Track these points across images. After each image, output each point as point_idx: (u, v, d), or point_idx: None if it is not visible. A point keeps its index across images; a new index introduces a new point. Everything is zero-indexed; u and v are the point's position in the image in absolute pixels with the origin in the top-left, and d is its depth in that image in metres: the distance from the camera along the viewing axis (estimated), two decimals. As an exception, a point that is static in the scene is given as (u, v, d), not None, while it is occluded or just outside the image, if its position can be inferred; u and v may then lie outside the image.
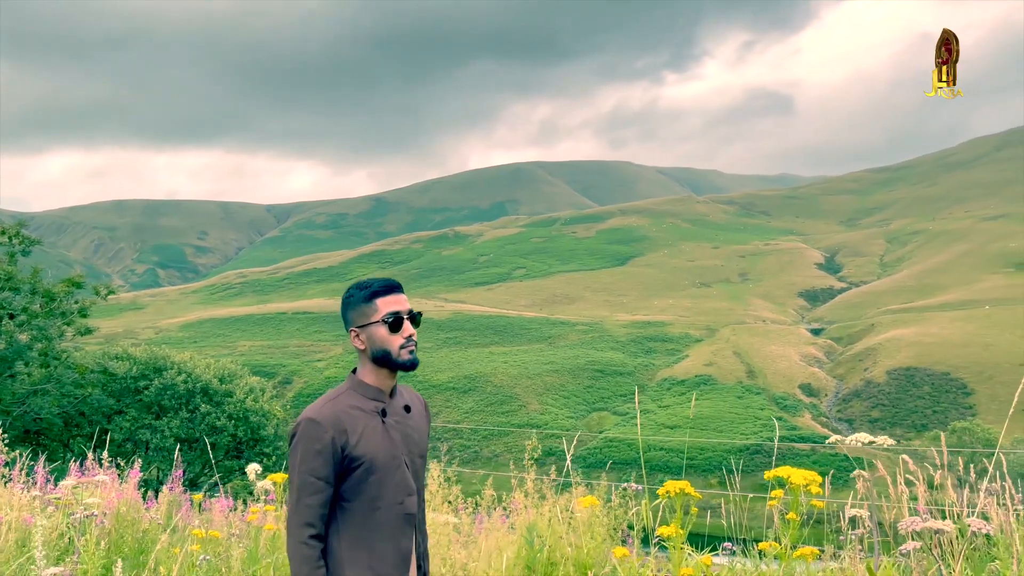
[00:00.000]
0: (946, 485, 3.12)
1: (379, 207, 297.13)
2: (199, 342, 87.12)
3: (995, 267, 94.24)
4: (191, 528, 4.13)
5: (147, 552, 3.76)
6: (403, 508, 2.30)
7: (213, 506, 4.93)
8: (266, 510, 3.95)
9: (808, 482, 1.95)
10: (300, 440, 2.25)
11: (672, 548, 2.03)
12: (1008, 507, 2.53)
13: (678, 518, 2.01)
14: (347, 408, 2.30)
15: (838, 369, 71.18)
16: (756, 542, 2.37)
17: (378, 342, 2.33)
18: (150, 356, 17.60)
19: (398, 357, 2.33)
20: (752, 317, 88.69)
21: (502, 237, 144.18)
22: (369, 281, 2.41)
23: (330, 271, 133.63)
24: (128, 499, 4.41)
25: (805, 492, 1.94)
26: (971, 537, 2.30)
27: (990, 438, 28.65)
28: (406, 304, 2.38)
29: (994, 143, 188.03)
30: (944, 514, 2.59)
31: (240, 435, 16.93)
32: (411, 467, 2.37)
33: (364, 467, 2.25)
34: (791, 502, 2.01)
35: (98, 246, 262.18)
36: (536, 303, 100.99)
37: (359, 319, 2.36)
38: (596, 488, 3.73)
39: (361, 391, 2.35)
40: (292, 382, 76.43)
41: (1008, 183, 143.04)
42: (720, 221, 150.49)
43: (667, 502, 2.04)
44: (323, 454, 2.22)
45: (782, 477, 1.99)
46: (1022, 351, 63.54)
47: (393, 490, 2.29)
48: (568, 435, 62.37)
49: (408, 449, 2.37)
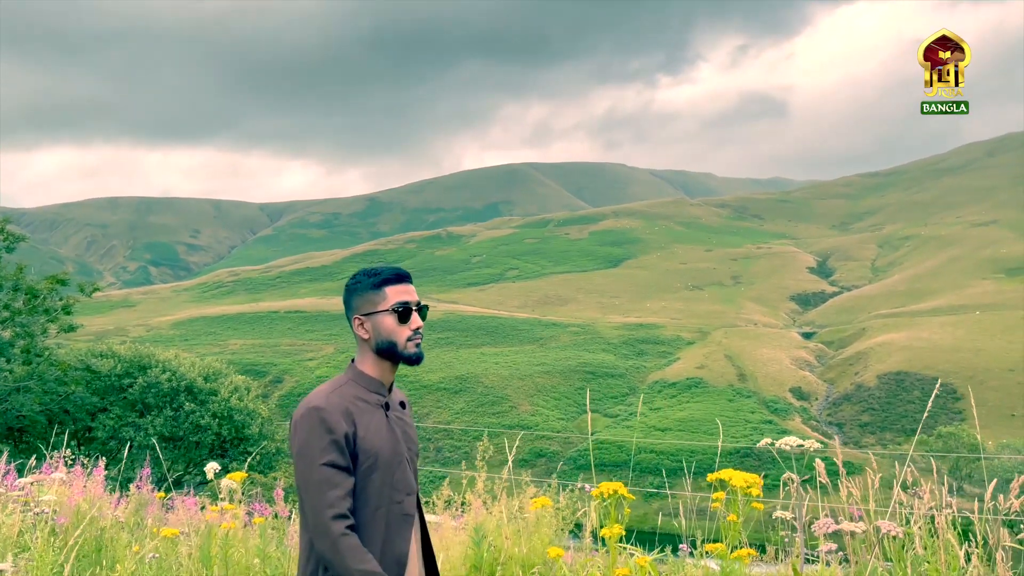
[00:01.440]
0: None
1: (373, 207, 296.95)
2: (190, 340, 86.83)
3: (985, 273, 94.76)
4: (154, 526, 4.08)
5: (104, 550, 3.71)
6: (401, 508, 2.20)
7: (180, 505, 4.88)
8: (225, 508, 3.91)
9: (749, 484, 1.94)
10: (311, 432, 2.10)
11: (610, 547, 2.01)
12: (944, 509, 2.53)
13: (612, 517, 1.98)
14: (352, 399, 2.18)
15: (829, 373, 71.41)
16: (715, 542, 2.35)
17: (384, 332, 2.22)
18: (135, 354, 17.49)
19: (404, 349, 2.22)
20: (744, 320, 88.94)
21: (495, 238, 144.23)
22: (378, 268, 2.28)
23: (323, 271, 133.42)
24: (91, 496, 4.36)
25: (745, 494, 1.93)
26: (882, 538, 2.30)
27: (975, 443, 28.77)
28: (415, 295, 2.26)
29: (985, 149, 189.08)
30: (870, 515, 2.59)
31: (225, 434, 16.84)
32: (411, 464, 2.27)
33: (369, 463, 2.14)
34: (732, 504, 2.00)
35: (90, 243, 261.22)
36: (528, 304, 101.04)
37: (365, 307, 2.24)
38: (548, 488, 3.70)
39: (363, 383, 2.23)
40: (283, 381, 76.25)
41: (998, 189, 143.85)
42: (713, 224, 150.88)
43: (602, 502, 2.02)
44: (338, 444, 2.09)
45: (724, 479, 1.98)
46: (1011, 357, 63.89)
47: (394, 488, 2.18)
48: (559, 437, 62.30)
49: (407, 446, 2.27)
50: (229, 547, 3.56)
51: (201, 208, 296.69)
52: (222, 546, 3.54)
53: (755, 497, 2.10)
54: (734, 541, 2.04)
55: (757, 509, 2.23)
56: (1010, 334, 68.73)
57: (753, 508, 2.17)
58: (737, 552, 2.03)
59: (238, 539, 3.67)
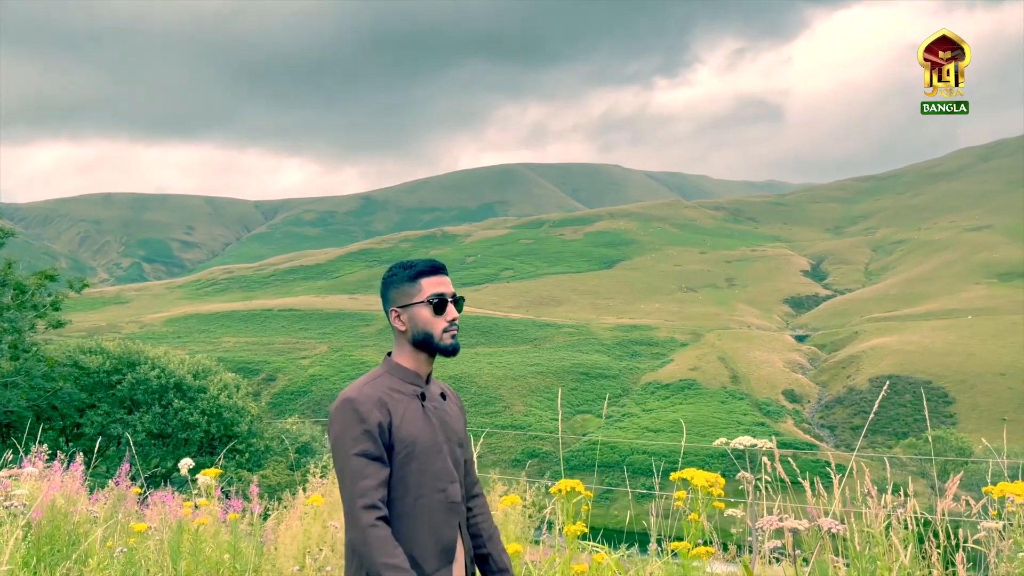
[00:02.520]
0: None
1: (368, 206, 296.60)
2: (183, 337, 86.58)
3: (978, 277, 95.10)
4: (124, 521, 4.07)
5: (77, 544, 3.70)
6: (446, 496, 2.19)
7: (156, 501, 4.86)
8: (199, 504, 3.90)
9: (711, 483, 1.94)
10: (346, 422, 2.12)
11: (567, 544, 2.01)
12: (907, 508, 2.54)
13: (569, 514, 1.98)
14: (387, 390, 2.20)
15: (821, 376, 71.58)
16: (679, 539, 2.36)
17: (420, 324, 2.23)
18: (123, 350, 17.40)
19: (440, 341, 2.23)
20: (737, 322, 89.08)
21: (490, 238, 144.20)
22: (414, 261, 2.30)
23: (317, 269, 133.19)
24: (68, 491, 4.34)
25: (706, 493, 1.93)
26: (825, 536, 2.31)
27: (964, 446, 29.02)
28: (450, 287, 2.28)
29: (979, 154, 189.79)
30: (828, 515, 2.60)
31: (213, 431, 16.77)
32: (451, 454, 2.26)
33: (406, 452, 2.15)
34: (693, 502, 2.00)
35: (83, 239, 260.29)
36: (523, 304, 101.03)
37: (401, 299, 2.26)
38: (516, 486, 3.70)
39: (399, 374, 2.24)
40: (276, 379, 76.09)
41: (992, 194, 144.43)
42: (708, 226, 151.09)
43: (561, 499, 2.03)
44: (371, 434, 2.11)
45: (686, 478, 1.98)
46: (1003, 361, 64.14)
47: (435, 477, 2.18)
48: (551, 437, 62.35)
49: (447, 436, 2.26)
50: (200, 542, 3.55)
51: (196, 205, 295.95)
52: (192, 541, 3.53)
53: (716, 496, 2.10)
54: (695, 539, 2.04)
55: (718, 508, 2.24)
56: (1002, 339, 69.00)
57: (714, 507, 2.17)
58: (696, 550, 2.03)
59: (209, 535, 3.66)
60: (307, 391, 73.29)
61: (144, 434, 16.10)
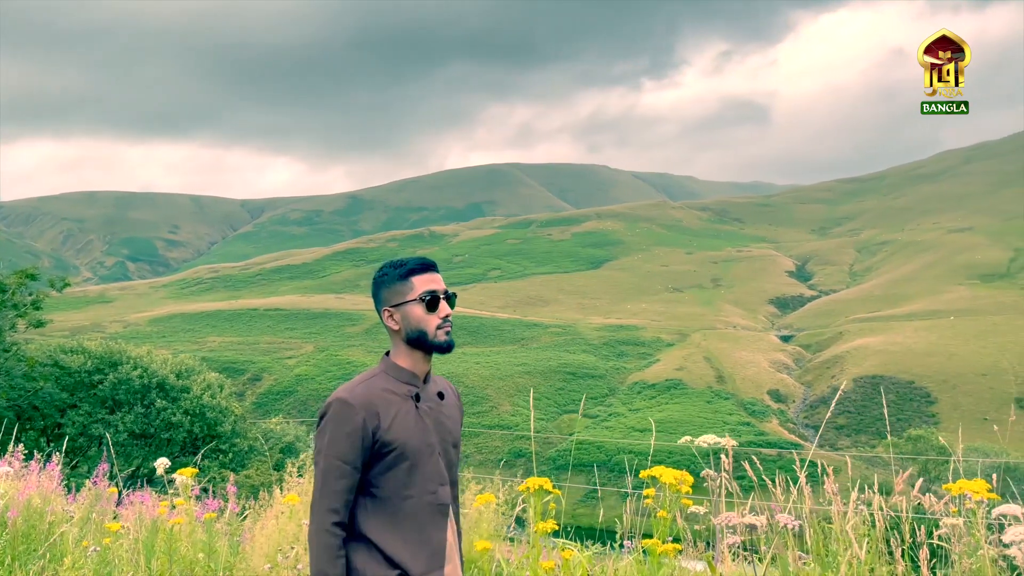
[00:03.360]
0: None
1: (355, 205, 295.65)
2: (168, 337, 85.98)
3: (960, 278, 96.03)
4: (98, 520, 4.06)
5: (53, 543, 3.68)
6: (436, 498, 2.18)
7: (134, 500, 4.84)
8: (176, 504, 3.89)
9: (679, 481, 1.96)
10: (329, 421, 2.13)
11: (533, 541, 2.03)
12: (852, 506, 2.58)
13: (538, 512, 2.00)
14: (380, 391, 2.18)
15: (806, 376, 72.04)
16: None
17: (414, 322, 2.23)
18: (105, 350, 17.25)
19: (434, 338, 2.23)
20: (723, 323, 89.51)
21: (477, 238, 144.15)
22: (404, 259, 2.31)
23: (303, 268, 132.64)
24: (44, 491, 4.31)
25: (674, 491, 1.95)
26: (782, 531, 2.35)
27: (943, 446, 29.35)
28: (442, 283, 2.28)
29: (962, 156, 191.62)
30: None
31: (197, 431, 16.68)
32: (444, 456, 2.25)
33: (396, 453, 2.14)
34: (662, 500, 2.02)
35: (67, 237, 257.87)
36: (510, 304, 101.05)
37: (393, 298, 2.25)
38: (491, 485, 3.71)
39: (395, 374, 2.24)
40: (262, 379, 75.72)
41: (974, 196, 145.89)
42: (694, 227, 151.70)
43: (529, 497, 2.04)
44: (352, 437, 2.11)
45: (655, 476, 2.00)
46: (984, 362, 64.80)
47: (425, 479, 2.17)
48: (538, 437, 62.39)
49: (441, 437, 2.25)
50: (174, 541, 3.55)
51: (181, 203, 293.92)
52: (167, 540, 3.53)
53: (684, 494, 2.12)
54: (664, 536, 2.07)
55: (685, 505, 2.27)
56: (983, 339, 69.70)
57: (682, 504, 2.20)
58: (664, 547, 2.06)
59: (185, 534, 3.66)
60: (293, 391, 72.99)
61: (126, 434, 15.97)
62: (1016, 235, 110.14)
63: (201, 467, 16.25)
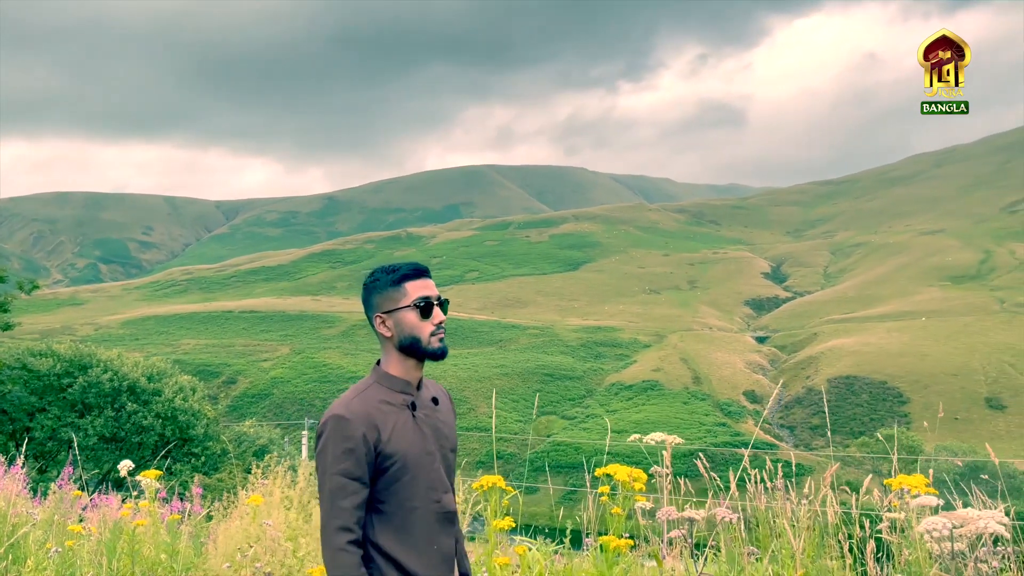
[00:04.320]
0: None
1: (331, 206, 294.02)
2: (141, 340, 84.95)
3: (931, 280, 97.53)
4: (60, 523, 4.02)
5: (15, 545, 3.64)
6: (440, 506, 2.16)
7: (101, 503, 4.79)
8: (140, 506, 3.86)
9: (632, 479, 1.98)
10: (329, 439, 2.08)
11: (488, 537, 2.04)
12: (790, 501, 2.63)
13: (493, 510, 2.01)
14: (376, 403, 2.14)
15: (781, 377, 72.70)
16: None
17: (407, 328, 2.18)
18: (75, 353, 16.97)
19: (428, 345, 2.19)
20: (699, 324, 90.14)
21: (455, 239, 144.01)
22: (397, 264, 2.25)
23: (279, 270, 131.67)
24: (8, 494, 4.25)
25: (628, 488, 1.97)
26: (722, 525, 2.40)
27: (914, 445, 29.93)
28: (435, 289, 2.24)
29: (933, 160, 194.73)
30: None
31: (168, 435, 16.48)
32: (443, 462, 2.22)
33: (397, 465, 2.11)
34: (618, 498, 2.04)
35: (37, 239, 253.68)
36: (488, 306, 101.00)
37: (386, 304, 2.20)
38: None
39: (388, 384, 2.20)
40: (237, 382, 75.02)
41: (945, 199, 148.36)
42: (671, 229, 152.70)
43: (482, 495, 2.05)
44: (356, 453, 2.06)
45: (610, 473, 2.02)
46: (955, 362, 65.84)
47: (428, 488, 2.15)
48: (516, 439, 62.38)
49: (439, 444, 2.22)
50: (137, 543, 3.52)
51: (154, 205, 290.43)
52: (128, 542, 3.50)
53: (638, 491, 2.15)
54: (618, 532, 2.09)
55: (640, 502, 2.29)
56: (954, 340, 70.81)
57: (636, 501, 2.22)
58: (616, 542, 2.08)
59: (148, 535, 3.64)
60: (268, 393, 72.40)
61: (96, 438, 15.74)
62: (986, 237, 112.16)
63: (173, 470, 16.06)
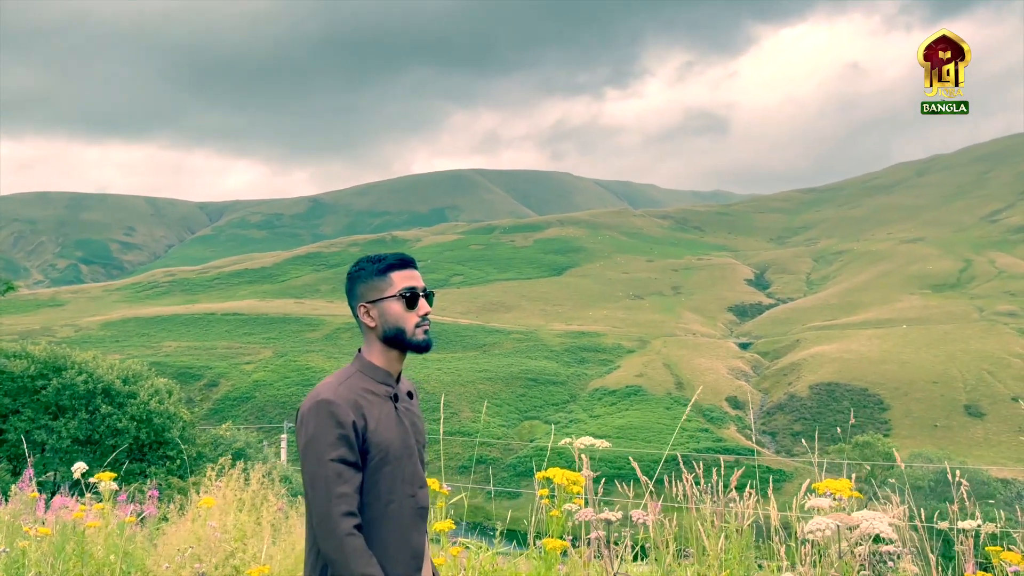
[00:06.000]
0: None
1: (316, 208, 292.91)
2: (121, 342, 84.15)
3: (912, 288, 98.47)
4: (17, 524, 3.96)
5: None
6: (415, 501, 2.13)
7: (60, 505, 4.71)
8: (97, 508, 3.80)
9: (571, 482, 1.96)
10: (321, 425, 2.01)
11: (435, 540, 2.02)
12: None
13: (438, 507, 1.98)
14: (361, 391, 2.09)
15: (764, 383, 73.10)
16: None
17: (392, 319, 2.15)
18: (49, 355, 16.74)
19: (413, 336, 2.15)
20: (683, 330, 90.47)
21: (440, 243, 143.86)
22: (383, 255, 2.23)
23: (262, 272, 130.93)
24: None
25: (567, 491, 1.95)
26: (634, 525, 2.41)
27: (888, 451, 30.22)
28: (421, 280, 2.20)
29: (915, 169, 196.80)
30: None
31: (143, 437, 16.28)
32: (420, 457, 2.19)
33: (380, 456, 2.06)
34: (558, 500, 2.03)
35: (17, 239, 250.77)
36: (472, 310, 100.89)
37: (370, 294, 2.16)
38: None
39: (371, 374, 2.15)
40: (219, 385, 74.44)
41: (927, 208, 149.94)
42: (655, 235, 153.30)
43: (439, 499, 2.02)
44: (348, 439, 2.01)
45: (550, 477, 2.01)
46: (935, 369, 66.45)
47: (406, 482, 2.11)
48: (499, 444, 62.31)
49: (416, 438, 2.20)
50: (86, 544, 3.47)
51: (137, 205, 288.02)
52: (78, 542, 3.45)
53: (576, 494, 2.14)
54: (557, 533, 2.07)
55: (577, 504, 2.29)
56: (935, 348, 71.48)
57: (574, 503, 2.22)
58: (552, 543, 2.06)
59: (101, 536, 3.58)
60: (250, 397, 71.88)
61: (69, 440, 15.53)
62: (966, 246, 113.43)
63: (148, 473, 15.87)
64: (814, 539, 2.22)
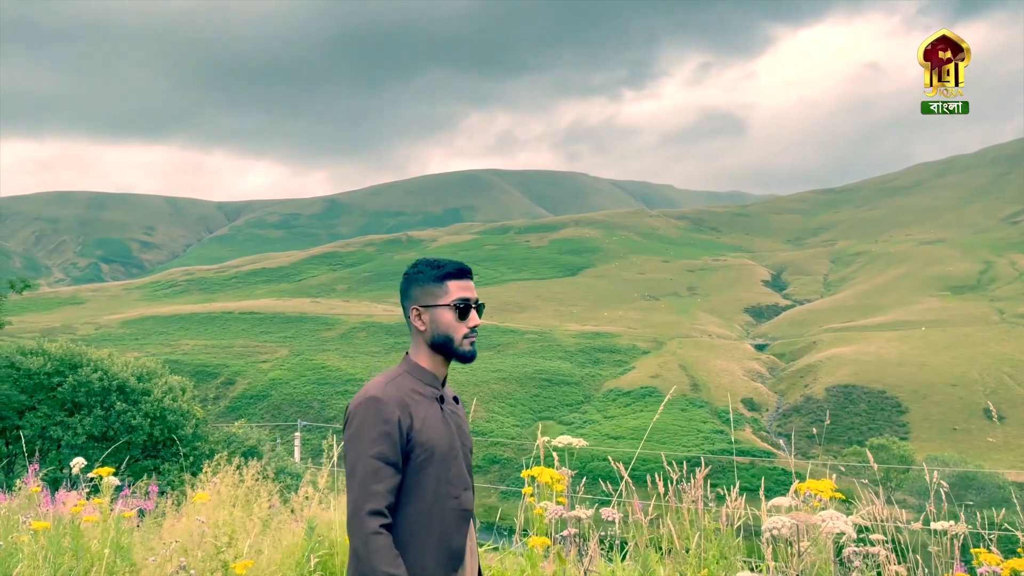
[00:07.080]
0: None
1: (333, 208, 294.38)
2: (140, 339, 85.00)
3: (931, 290, 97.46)
4: (15, 518, 4.03)
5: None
6: (459, 503, 2.14)
7: (68, 499, 4.79)
8: (95, 502, 3.86)
9: (554, 481, 1.98)
10: (365, 421, 2.05)
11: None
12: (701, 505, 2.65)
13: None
14: (408, 390, 2.14)
15: (780, 385, 72.62)
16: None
17: (442, 327, 2.19)
18: (65, 352, 17.00)
19: (460, 346, 2.20)
20: (698, 331, 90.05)
21: (455, 243, 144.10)
22: (442, 260, 2.26)
23: (280, 271, 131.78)
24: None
25: (551, 490, 1.97)
26: (604, 524, 2.42)
27: (904, 454, 29.90)
28: (475, 292, 2.25)
29: (934, 170, 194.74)
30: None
31: (156, 434, 16.48)
32: (465, 460, 2.23)
33: (424, 456, 2.09)
34: (538, 498, 2.05)
35: (39, 238, 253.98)
36: (487, 310, 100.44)
37: (425, 298, 2.20)
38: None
39: (418, 375, 2.19)
40: (235, 383, 75.01)
41: (946, 209, 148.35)
42: (671, 235, 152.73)
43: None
44: (391, 436, 2.04)
45: (534, 475, 2.03)
46: (954, 372, 65.72)
47: (451, 483, 2.13)
48: (513, 444, 62.35)
49: (462, 441, 2.24)
50: (81, 538, 3.54)
51: (156, 205, 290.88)
52: (73, 537, 3.51)
53: (560, 492, 2.16)
54: (541, 531, 2.10)
55: (561, 503, 2.31)
56: (953, 350, 70.71)
57: (559, 503, 2.24)
58: (535, 540, 2.09)
59: (98, 531, 3.65)
60: (267, 395, 72.37)
61: (85, 436, 15.76)
62: (986, 248, 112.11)
63: (162, 470, 16.05)
64: (770, 537, 2.24)
